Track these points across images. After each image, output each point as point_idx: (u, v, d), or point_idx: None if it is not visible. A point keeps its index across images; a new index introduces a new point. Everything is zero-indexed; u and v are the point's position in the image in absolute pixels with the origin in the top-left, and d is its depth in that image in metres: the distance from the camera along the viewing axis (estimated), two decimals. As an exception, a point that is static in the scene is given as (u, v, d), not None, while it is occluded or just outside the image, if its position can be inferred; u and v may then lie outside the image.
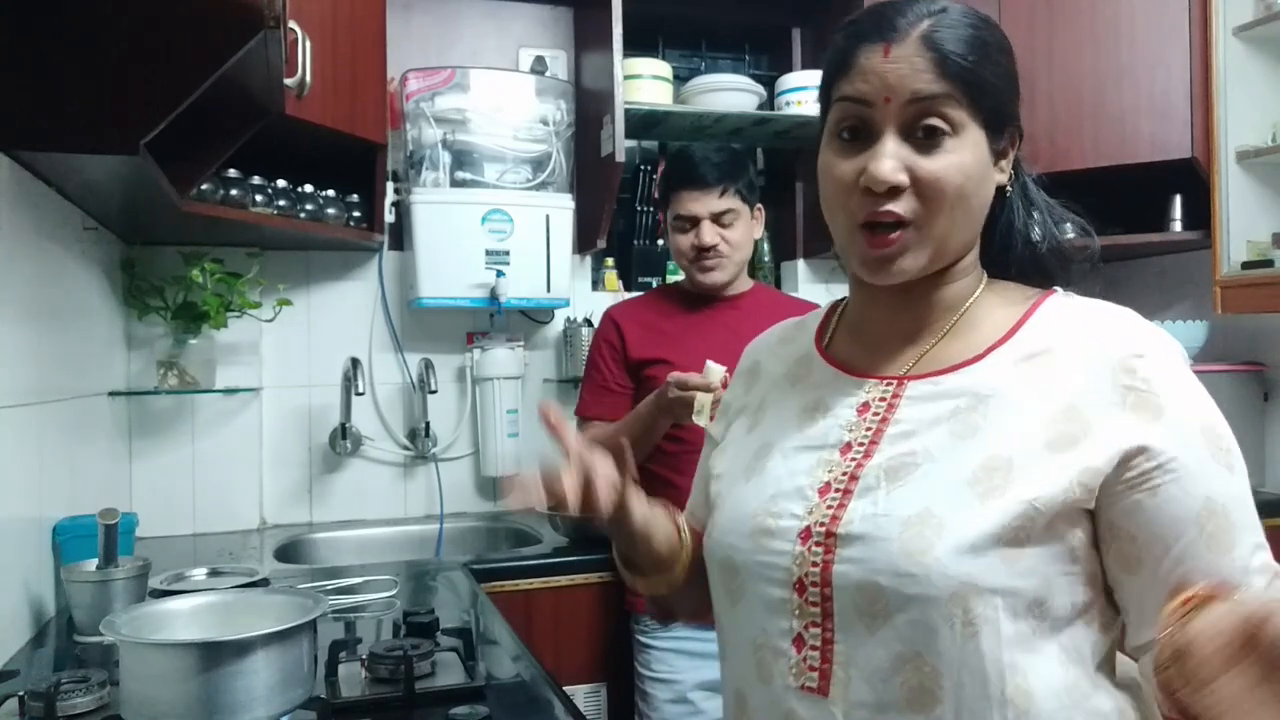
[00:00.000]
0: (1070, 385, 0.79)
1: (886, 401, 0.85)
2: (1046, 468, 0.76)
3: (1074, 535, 0.77)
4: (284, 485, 2.41)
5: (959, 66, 0.80)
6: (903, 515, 0.78)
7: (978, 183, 0.82)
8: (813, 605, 0.81)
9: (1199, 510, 0.76)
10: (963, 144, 0.81)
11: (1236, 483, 0.78)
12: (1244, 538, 0.77)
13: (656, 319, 2.02)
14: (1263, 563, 0.78)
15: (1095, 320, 0.83)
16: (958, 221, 0.82)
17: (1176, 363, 0.80)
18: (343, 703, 1.12)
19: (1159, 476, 0.76)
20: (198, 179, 1.74)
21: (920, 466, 0.80)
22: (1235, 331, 2.55)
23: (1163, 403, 0.77)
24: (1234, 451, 0.79)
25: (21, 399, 1.39)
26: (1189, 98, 2.36)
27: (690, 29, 2.73)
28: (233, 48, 1.28)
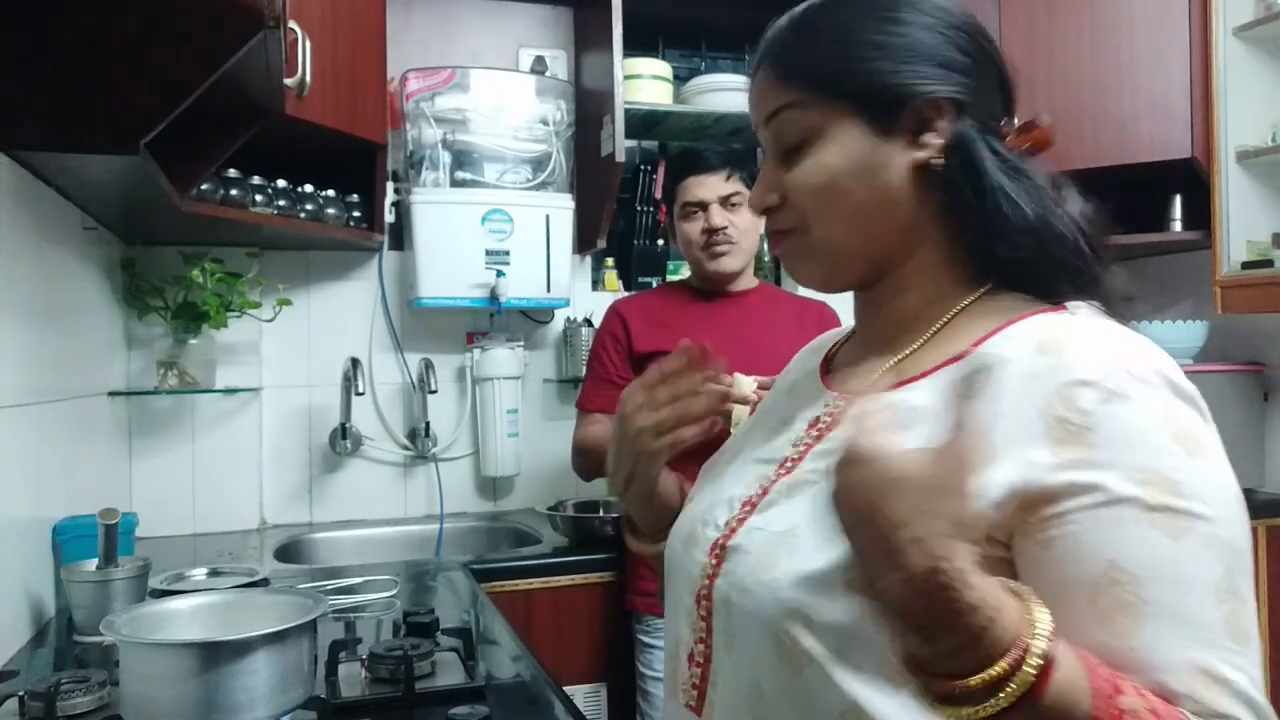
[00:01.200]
0: (993, 410, 0.65)
1: (833, 417, 0.78)
2: None
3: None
4: (284, 485, 2.41)
5: (805, 68, 0.75)
6: (772, 531, 0.72)
7: (854, 175, 0.74)
8: (702, 619, 0.77)
9: (1096, 575, 0.60)
10: (826, 142, 0.75)
11: (1181, 556, 0.60)
12: (1159, 625, 0.59)
13: (662, 313, 2.03)
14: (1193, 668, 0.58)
15: (1061, 340, 0.67)
16: (843, 220, 0.75)
17: (1145, 399, 0.63)
18: (343, 703, 1.12)
19: (1055, 526, 0.61)
20: (198, 179, 1.74)
21: (816, 485, 0.72)
22: (1235, 331, 2.55)
23: (1095, 440, 0.61)
24: (1199, 520, 0.60)
25: (21, 399, 1.39)
26: (1189, 98, 2.36)
27: (690, 29, 2.73)
28: (233, 48, 1.28)
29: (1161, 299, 2.81)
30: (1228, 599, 0.60)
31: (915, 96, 0.73)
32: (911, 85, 0.73)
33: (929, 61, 0.74)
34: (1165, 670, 0.59)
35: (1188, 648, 0.59)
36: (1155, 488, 0.61)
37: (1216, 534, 0.61)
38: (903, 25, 0.75)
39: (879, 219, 0.75)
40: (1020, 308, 0.73)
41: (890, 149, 0.74)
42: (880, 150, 0.74)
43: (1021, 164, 0.75)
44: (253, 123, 1.72)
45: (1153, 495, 0.61)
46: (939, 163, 0.74)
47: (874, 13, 0.76)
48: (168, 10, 1.26)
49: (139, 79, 1.27)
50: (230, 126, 1.70)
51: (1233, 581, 0.61)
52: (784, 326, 1.96)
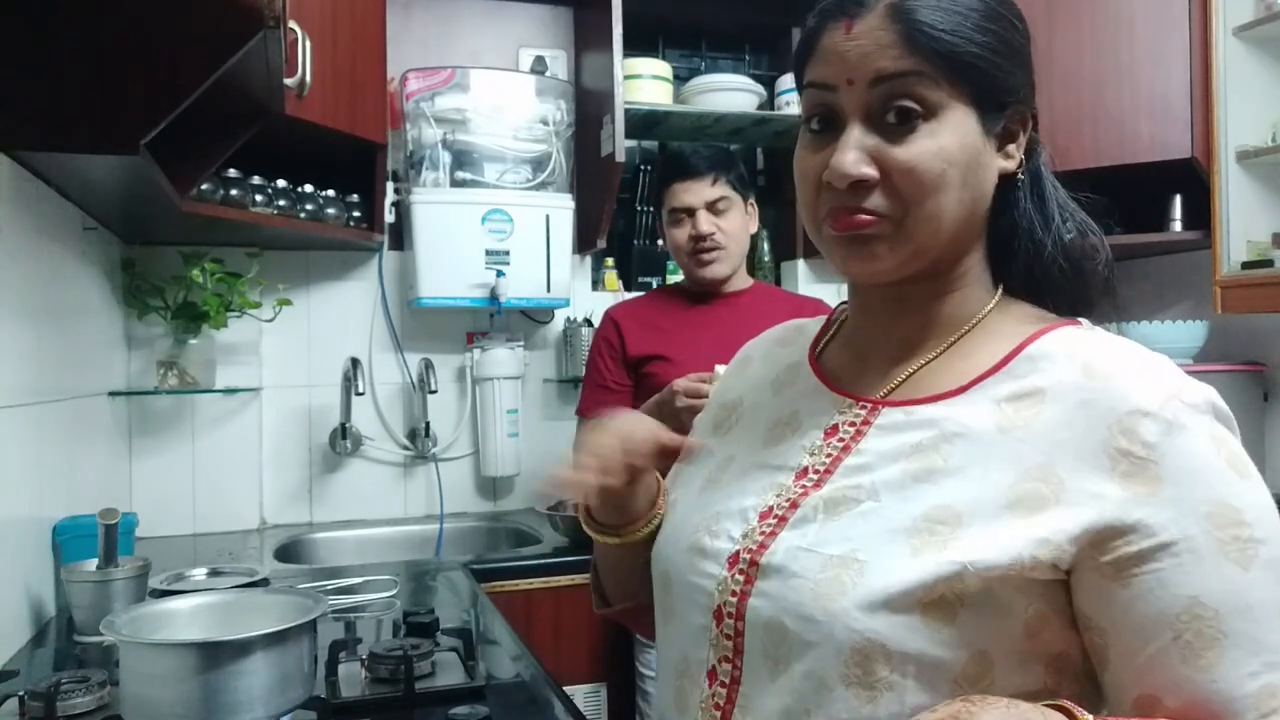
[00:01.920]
0: (1053, 438, 0.66)
1: (855, 427, 0.75)
2: (998, 530, 0.65)
3: (1028, 609, 0.65)
4: (284, 485, 2.41)
5: (931, 38, 0.69)
6: (826, 554, 0.68)
7: (965, 169, 0.70)
8: (727, 638, 0.72)
9: (1179, 612, 0.62)
10: (943, 126, 0.70)
11: (1253, 585, 0.62)
12: (1238, 655, 0.62)
13: (656, 317, 2.03)
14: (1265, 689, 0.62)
15: (1106, 364, 0.68)
16: (943, 215, 0.70)
17: (1198, 428, 0.65)
18: (343, 703, 1.12)
19: (1136, 566, 0.63)
20: (198, 179, 1.74)
21: (862, 503, 0.70)
22: (1235, 331, 2.55)
23: (1162, 474, 0.63)
24: (1260, 544, 0.63)
25: (21, 399, 1.39)
26: (1189, 98, 2.36)
27: (690, 29, 2.73)
28: (233, 48, 1.28)
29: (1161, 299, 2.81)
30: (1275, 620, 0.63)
31: (1016, 104, 0.73)
32: (1016, 91, 0.73)
33: (1021, 69, 0.74)
34: (1243, 698, 0.62)
35: (1263, 670, 0.62)
36: (1223, 519, 0.63)
37: (1275, 554, 0.63)
38: (1008, 28, 0.73)
39: (966, 219, 0.73)
40: (1036, 319, 0.74)
41: (990, 150, 0.73)
42: (985, 149, 0.72)
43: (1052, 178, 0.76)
44: (253, 123, 1.72)
45: (1222, 527, 0.63)
46: (1022, 178, 0.74)
47: (999, 8, 0.73)
48: (168, 10, 1.26)
49: (139, 79, 1.27)
50: (230, 126, 1.70)
51: None
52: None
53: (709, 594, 0.74)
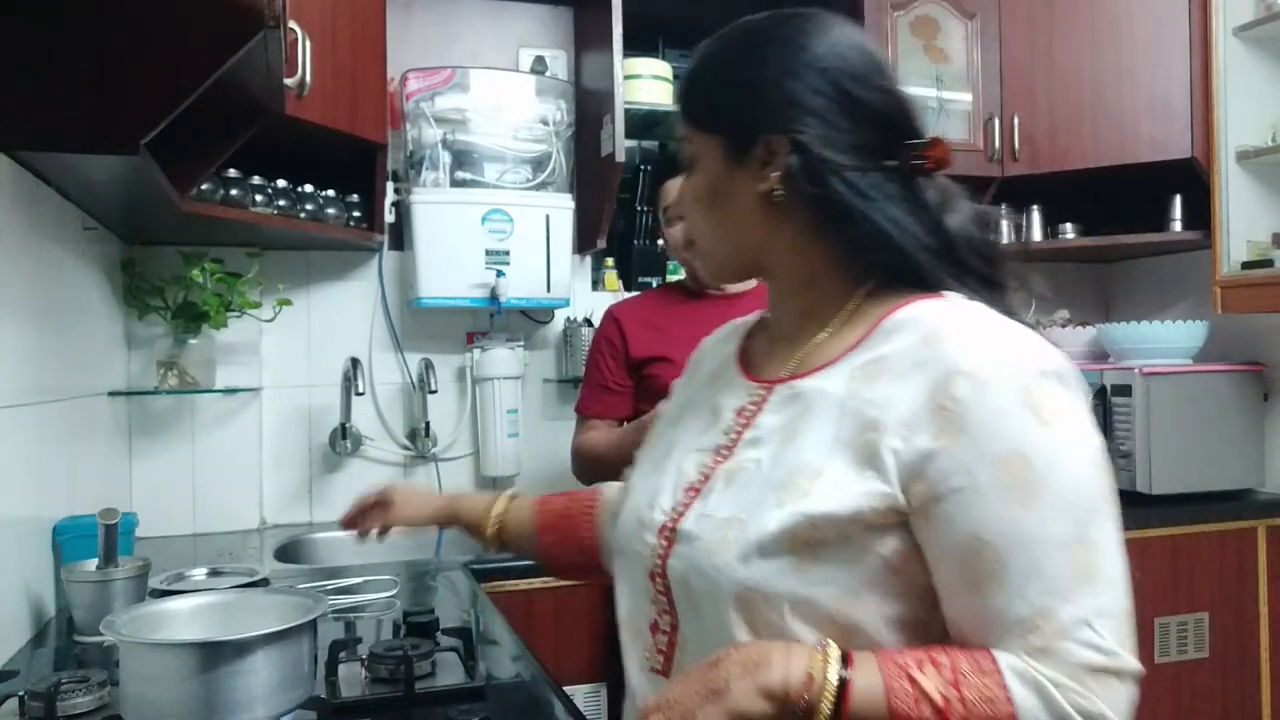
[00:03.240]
0: (890, 399, 0.76)
1: (756, 405, 0.87)
2: (843, 481, 0.75)
3: (883, 546, 0.74)
4: (284, 485, 2.41)
5: (686, 107, 0.90)
6: (718, 517, 0.81)
7: (710, 197, 0.88)
8: (660, 594, 0.86)
9: (965, 546, 0.71)
10: (697, 170, 0.89)
11: (1032, 520, 0.70)
12: (1016, 584, 0.70)
13: (657, 317, 2.02)
14: (1036, 614, 0.69)
15: (940, 329, 0.77)
16: (708, 232, 0.90)
17: (1011, 384, 0.73)
18: (343, 703, 1.12)
19: (935, 506, 0.72)
20: (198, 179, 1.74)
21: (749, 471, 0.82)
22: (1235, 331, 2.55)
23: (965, 425, 0.72)
24: (1048, 486, 0.70)
25: (21, 399, 1.39)
26: (1189, 98, 2.36)
27: (690, 29, 2.70)
28: (233, 48, 1.28)
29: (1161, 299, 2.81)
30: (1079, 547, 0.70)
31: (761, 134, 0.84)
32: (757, 122, 0.84)
33: (779, 103, 0.83)
34: (1018, 622, 0.70)
35: (1035, 597, 0.70)
36: (1011, 464, 0.71)
37: (1065, 493, 0.71)
38: (762, 68, 0.84)
39: (738, 235, 0.88)
40: (900, 299, 0.83)
41: (742, 178, 0.85)
42: (732, 179, 0.86)
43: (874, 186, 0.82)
44: (253, 123, 1.72)
45: (1008, 471, 0.71)
46: (780, 194, 0.84)
47: (741, 53, 0.86)
48: (168, 10, 1.26)
49: (139, 79, 1.27)
50: (230, 126, 1.70)
51: (1085, 532, 0.71)
52: None
53: (646, 559, 0.87)
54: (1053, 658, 0.69)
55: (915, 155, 0.83)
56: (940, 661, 0.70)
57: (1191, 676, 2.32)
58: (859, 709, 0.69)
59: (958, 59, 2.57)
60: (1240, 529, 2.32)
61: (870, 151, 0.82)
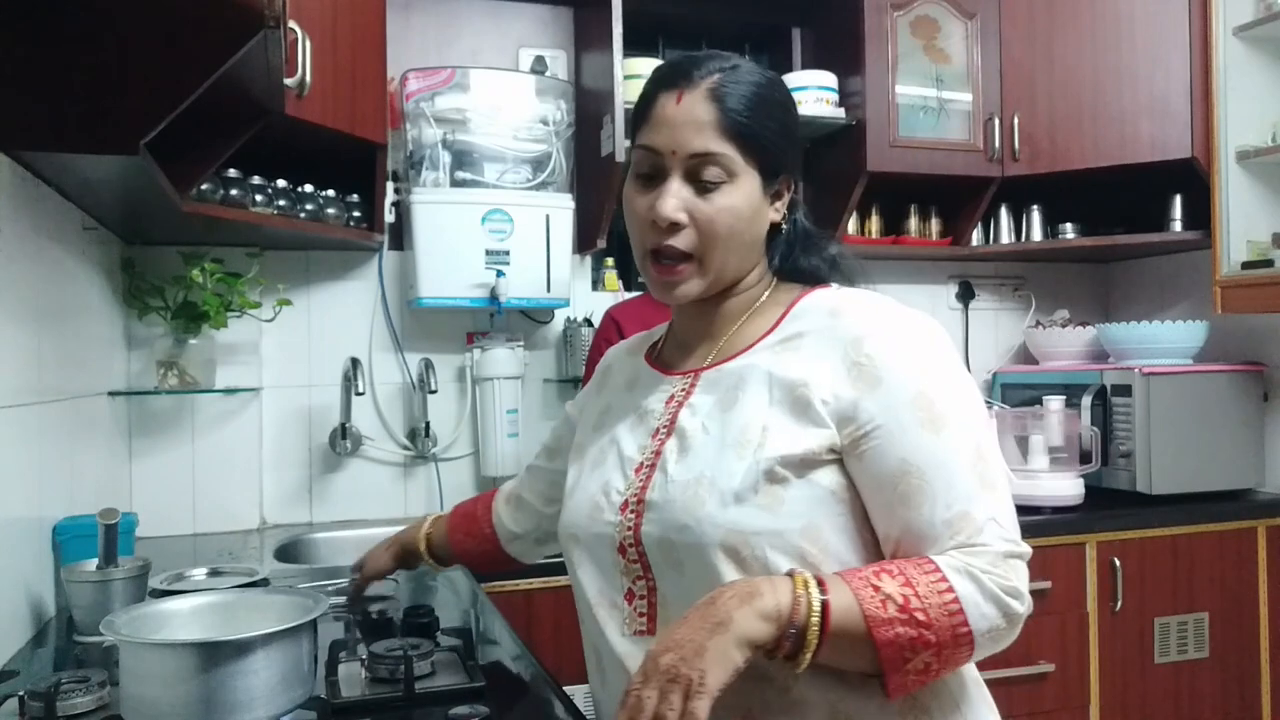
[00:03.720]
0: (811, 363, 0.93)
1: (685, 389, 1.02)
2: (788, 430, 0.91)
3: (827, 479, 0.90)
4: (284, 485, 2.41)
5: (736, 123, 0.95)
6: (683, 480, 0.94)
7: (749, 222, 0.98)
8: (633, 563, 0.97)
9: (893, 472, 0.88)
10: (737, 190, 0.96)
11: (943, 445, 0.88)
12: (939, 496, 0.87)
13: (656, 318, 2.01)
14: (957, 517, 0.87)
15: (841, 306, 0.97)
16: (732, 254, 0.98)
17: (904, 340, 0.92)
18: (343, 703, 1.12)
19: (864, 442, 0.89)
20: (198, 179, 1.74)
21: (699, 437, 0.96)
22: (1235, 331, 2.55)
23: (880, 374, 0.90)
24: (950, 417, 0.89)
25: (21, 399, 1.39)
26: (1189, 98, 2.36)
27: (690, 29, 2.73)
28: (233, 48, 1.28)
29: (1161, 299, 2.81)
30: (978, 462, 0.89)
31: (784, 172, 1.01)
32: (785, 164, 1.01)
33: (792, 145, 1.02)
34: (944, 525, 0.87)
35: (954, 504, 0.87)
36: (921, 402, 0.89)
37: (962, 421, 0.90)
38: (784, 113, 1.00)
39: (749, 253, 1.01)
40: (799, 290, 1.03)
41: (766, 206, 1.00)
42: (762, 206, 1.00)
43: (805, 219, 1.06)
44: (253, 123, 1.72)
45: (920, 409, 0.89)
46: (788, 223, 1.04)
47: (778, 96, 1.00)
48: (168, 10, 1.26)
49: (139, 79, 1.27)
50: (230, 126, 1.70)
51: (979, 449, 0.90)
52: None
53: (610, 536, 0.98)
54: (975, 550, 0.86)
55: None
56: (891, 570, 0.85)
57: (1191, 676, 2.32)
58: (839, 620, 0.82)
59: (958, 59, 2.57)
60: (1240, 529, 2.32)
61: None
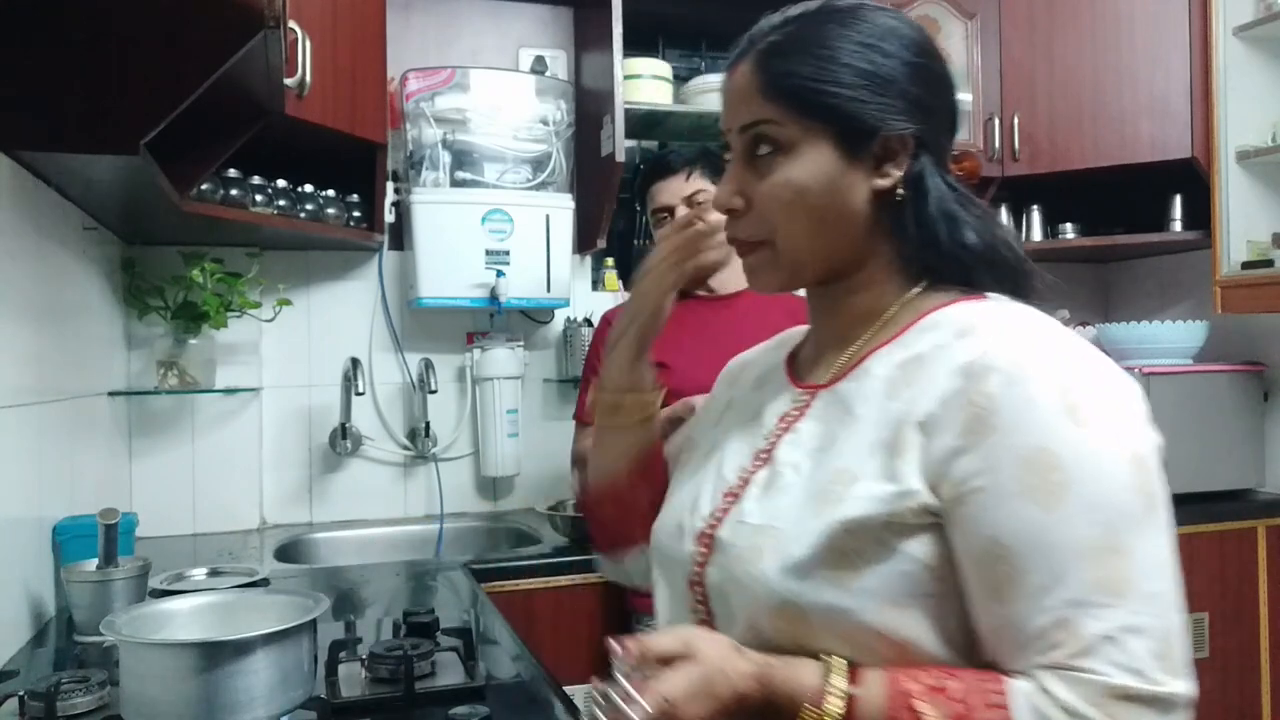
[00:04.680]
0: (925, 396, 0.73)
1: (799, 411, 0.84)
2: (875, 484, 0.72)
3: (919, 549, 0.71)
4: (284, 485, 2.41)
5: (784, 85, 0.79)
6: (752, 525, 0.78)
7: (820, 194, 0.79)
8: (699, 603, 0.83)
9: (982, 550, 0.68)
10: (797, 160, 0.80)
11: (1053, 525, 0.66)
12: (1034, 592, 0.66)
13: None
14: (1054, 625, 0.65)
15: (979, 327, 0.75)
16: (804, 236, 0.81)
17: (1048, 383, 0.69)
18: (343, 703, 1.12)
19: (958, 507, 0.69)
20: (198, 179, 1.74)
21: (785, 478, 0.79)
22: (1235, 331, 2.55)
23: (994, 423, 0.68)
24: (1075, 491, 0.66)
25: (21, 399, 1.39)
26: (1189, 98, 2.36)
27: (690, 29, 2.73)
28: (233, 48, 1.28)
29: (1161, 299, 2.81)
30: (1109, 557, 0.66)
31: (885, 129, 0.79)
32: (883, 118, 0.79)
33: (901, 96, 0.79)
34: (1036, 633, 0.66)
35: (1053, 607, 0.66)
36: (1036, 464, 0.67)
37: (1091, 500, 0.66)
38: (883, 56, 0.79)
39: (837, 234, 0.81)
40: (944, 299, 0.81)
41: (855, 173, 0.80)
42: (846, 174, 0.80)
43: (968, 193, 0.83)
44: (253, 123, 1.72)
45: (1033, 472, 0.67)
46: (901, 194, 0.80)
47: (859, 37, 0.80)
48: (168, 10, 1.26)
49: (139, 79, 1.27)
50: (230, 126, 1.70)
51: (1115, 539, 0.66)
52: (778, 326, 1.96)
53: (684, 566, 0.84)
54: (1074, 679, 0.65)
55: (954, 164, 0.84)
56: (951, 689, 0.67)
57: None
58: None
59: (958, 59, 2.57)
60: (1240, 529, 2.32)
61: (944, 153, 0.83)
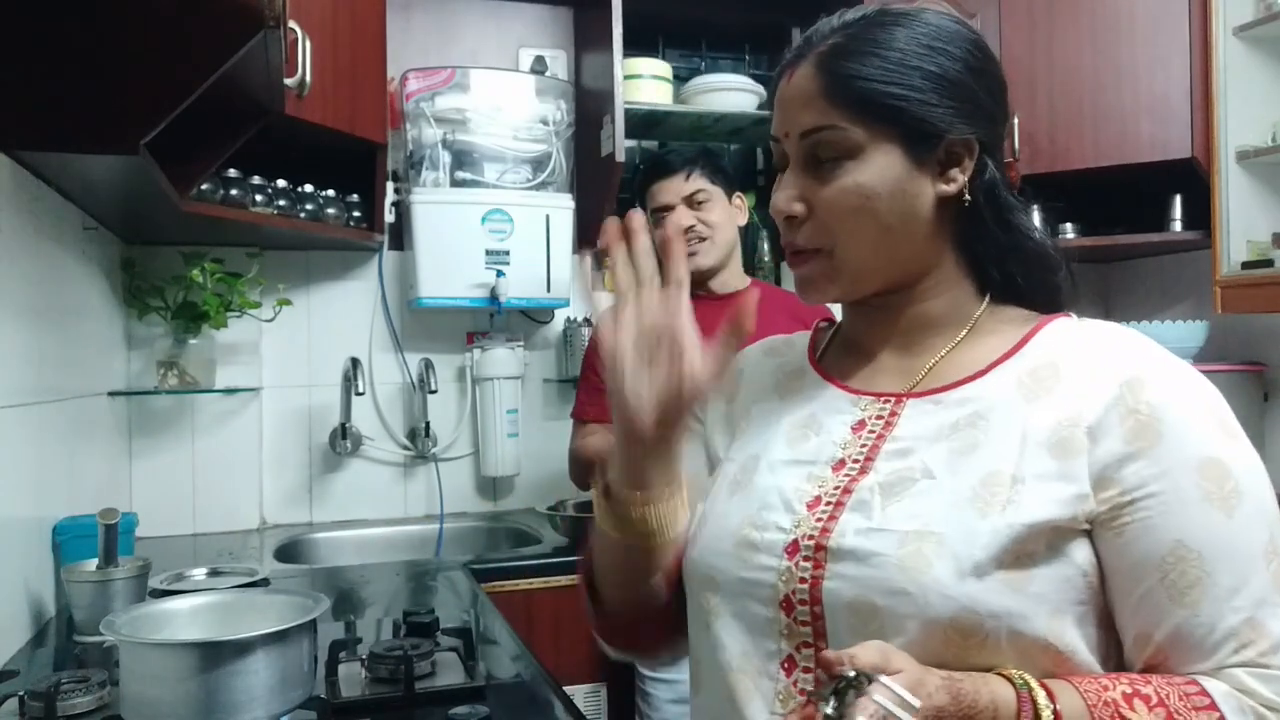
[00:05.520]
0: (1073, 404, 0.74)
1: (884, 419, 0.80)
2: (1045, 488, 0.72)
3: (1079, 556, 0.72)
4: (284, 485, 2.41)
5: (850, 89, 0.77)
6: (900, 530, 0.73)
7: (888, 200, 0.77)
8: (803, 625, 0.75)
9: (1164, 554, 0.70)
10: (864, 165, 0.77)
11: (1236, 530, 0.69)
12: (1224, 593, 0.69)
13: None
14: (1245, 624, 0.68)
15: (1104, 340, 0.78)
16: (871, 241, 0.79)
17: (1188, 389, 0.74)
18: (343, 703, 1.12)
19: (1128, 513, 0.71)
20: (198, 179, 1.74)
21: (918, 482, 0.75)
22: (1235, 331, 2.55)
23: (1162, 429, 0.71)
24: (1248, 497, 0.70)
25: (21, 399, 1.39)
26: (1189, 98, 2.36)
27: (690, 29, 2.73)
28: (233, 48, 1.28)
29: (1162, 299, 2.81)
30: (1274, 558, 0.70)
31: (951, 133, 0.78)
32: (951, 122, 0.78)
33: (967, 100, 0.79)
34: (1227, 633, 0.69)
35: (1244, 607, 0.69)
36: (1211, 472, 0.70)
37: (1260, 505, 0.71)
38: (949, 60, 0.78)
39: (903, 242, 0.80)
40: (1026, 318, 0.82)
41: (922, 179, 0.79)
42: (914, 179, 0.78)
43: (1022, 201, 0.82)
44: (253, 123, 1.72)
45: (1210, 479, 0.70)
46: (969, 199, 0.79)
47: (925, 40, 0.78)
48: (168, 10, 1.26)
49: (139, 79, 1.27)
50: (230, 126, 1.70)
51: (1275, 543, 0.71)
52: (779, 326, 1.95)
53: (771, 586, 0.76)
54: (1268, 676, 0.68)
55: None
56: (1148, 696, 0.67)
57: (1191, 676, 2.32)
58: None
59: (958, 59, 2.56)
60: (1240, 529, 2.32)
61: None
